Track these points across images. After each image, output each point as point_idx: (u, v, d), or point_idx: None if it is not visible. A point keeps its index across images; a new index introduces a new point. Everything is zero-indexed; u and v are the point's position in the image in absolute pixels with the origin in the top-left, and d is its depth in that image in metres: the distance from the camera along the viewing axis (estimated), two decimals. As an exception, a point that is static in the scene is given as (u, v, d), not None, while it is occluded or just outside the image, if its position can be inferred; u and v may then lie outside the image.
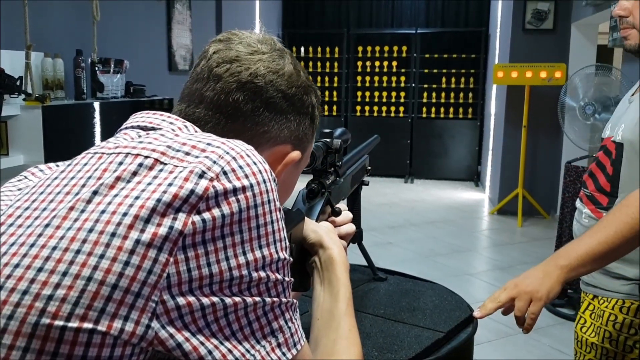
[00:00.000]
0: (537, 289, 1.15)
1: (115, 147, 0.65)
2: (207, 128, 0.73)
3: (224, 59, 0.74)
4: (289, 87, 0.76)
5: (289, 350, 0.62)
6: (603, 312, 1.36)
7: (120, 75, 3.60)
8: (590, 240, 1.17)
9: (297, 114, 0.78)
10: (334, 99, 7.99)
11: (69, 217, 0.58)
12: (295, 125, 0.78)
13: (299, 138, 0.79)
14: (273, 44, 0.78)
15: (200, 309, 0.56)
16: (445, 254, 4.60)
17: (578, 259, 1.16)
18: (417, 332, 1.13)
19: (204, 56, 0.76)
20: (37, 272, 0.54)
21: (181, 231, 0.56)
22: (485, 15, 7.56)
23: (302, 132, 0.80)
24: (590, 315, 1.41)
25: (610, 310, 1.35)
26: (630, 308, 1.32)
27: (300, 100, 0.78)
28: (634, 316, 1.31)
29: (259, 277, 0.60)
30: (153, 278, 0.55)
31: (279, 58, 0.76)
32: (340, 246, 0.83)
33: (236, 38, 0.77)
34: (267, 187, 0.62)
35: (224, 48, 0.75)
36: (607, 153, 1.38)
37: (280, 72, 0.75)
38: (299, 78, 0.78)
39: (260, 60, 0.75)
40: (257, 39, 0.77)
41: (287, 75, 0.76)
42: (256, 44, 0.76)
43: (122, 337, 0.54)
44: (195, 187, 0.58)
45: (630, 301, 1.32)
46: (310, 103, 0.80)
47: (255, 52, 0.75)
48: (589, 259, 1.16)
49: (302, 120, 0.79)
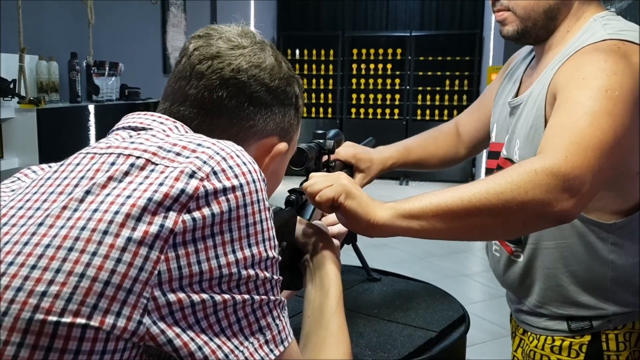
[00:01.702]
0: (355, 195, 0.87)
1: (107, 148, 0.67)
2: (192, 126, 0.74)
3: (205, 55, 0.75)
4: (272, 79, 0.77)
5: (277, 347, 0.63)
6: (534, 354, 1.17)
7: (115, 78, 3.60)
8: (442, 194, 0.87)
9: (281, 105, 0.79)
10: (329, 101, 8.00)
11: (62, 216, 0.59)
12: (281, 117, 0.79)
13: (285, 129, 0.80)
14: (253, 37, 0.78)
15: (190, 305, 0.57)
16: (440, 255, 4.62)
17: (415, 207, 0.86)
18: (410, 331, 1.14)
19: (184, 53, 0.77)
20: (31, 270, 0.55)
21: (172, 229, 0.57)
22: (480, 18, 7.58)
23: (288, 123, 0.80)
24: (522, 354, 1.23)
25: (540, 351, 1.16)
26: (561, 346, 1.13)
27: (283, 92, 0.78)
28: (568, 356, 1.12)
29: (248, 275, 0.61)
30: (144, 275, 0.56)
31: (260, 51, 0.77)
32: (332, 245, 0.84)
33: (215, 33, 0.77)
34: (256, 187, 0.63)
35: (204, 44, 0.76)
36: None
37: (262, 65, 0.76)
38: (281, 70, 0.78)
39: (242, 55, 0.75)
40: (236, 32, 0.77)
41: (269, 68, 0.77)
42: (236, 38, 0.76)
43: (114, 333, 0.55)
44: (185, 186, 0.59)
45: (560, 337, 1.14)
46: (294, 93, 0.81)
47: (236, 47, 0.75)
48: (428, 211, 0.85)
49: (286, 111, 0.80)
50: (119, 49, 3.99)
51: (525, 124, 1.12)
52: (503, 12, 1.12)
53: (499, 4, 1.13)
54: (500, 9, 1.13)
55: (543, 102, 1.06)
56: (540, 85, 1.09)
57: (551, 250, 1.12)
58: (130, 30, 4.26)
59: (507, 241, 1.18)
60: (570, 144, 0.88)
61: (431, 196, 0.87)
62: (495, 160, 1.21)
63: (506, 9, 1.12)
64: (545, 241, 1.12)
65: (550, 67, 1.09)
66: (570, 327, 1.13)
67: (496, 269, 1.25)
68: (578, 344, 1.12)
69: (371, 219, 0.86)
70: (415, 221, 0.86)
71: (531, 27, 1.11)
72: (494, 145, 1.26)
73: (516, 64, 1.32)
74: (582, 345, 1.12)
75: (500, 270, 1.22)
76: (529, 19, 1.10)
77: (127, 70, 3.79)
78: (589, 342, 1.12)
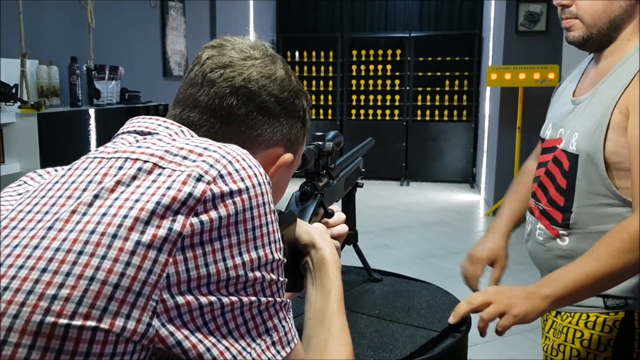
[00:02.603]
0: (515, 305, 1.08)
1: (115, 152, 0.67)
2: (201, 132, 0.75)
3: (218, 64, 0.76)
4: (281, 91, 0.78)
5: (283, 349, 0.64)
6: (567, 329, 1.26)
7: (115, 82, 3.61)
8: (578, 271, 1.09)
9: (289, 117, 0.80)
10: (329, 102, 8.01)
11: (71, 220, 0.59)
12: (288, 128, 0.80)
13: (291, 141, 0.82)
14: (265, 50, 0.80)
15: (198, 307, 0.58)
16: (441, 256, 4.62)
17: (564, 289, 1.09)
18: (412, 331, 1.14)
19: (197, 62, 0.78)
20: (41, 273, 0.56)
21: (180, 233, 0.58)
22: (479, 18, 7.59)
23: (294, 135, 0.82)
24: (553, 334, 1.32)
25: (574, 327, 1.25)
26: (596, 322, 1.22)
27: (292, 104, 0.80)
28: (601, 330, 1.21)
29: (254, 277, 0.62)
30: (153, 278, 0.56)
31: (271, 63, 0.78)
32: (332, 247, 0.84)
33: (229, 44, 0.79)
34: (262, 189, 0.64)
35: (217, 54, 0.77)
36: (557, 163, 1.28)
37: (273, 77, 0.77)
38: (290, 83, 0.80)
39: (253, 66, 0.77)
40: (249, 44, 0.79)
41: (279, 80, 0.78)
42: (248, 49, 0.78)
43: (124, 335, 0.55)
44: (193, 190, 0.60)
45: (595, 314, 1.22)
46: (302, 107, 0.82)
47: (248, 58, 0.77)
48: (575, 290, 1.09)
49: (293, 123, 0.81)
50: (119, 52, 4.00)
51: (587, 120, 1.21)
52: (571, 19, 1.23)
53: (568, 12, 1.24)
54: (568, 16, 1.24)
55: (612, 106, 1.17)
56: (610, 88, 1.19)
57: (597, 234, 1.18)
58: (130, 34, 4.27)
59: (553, 225, 1.28)
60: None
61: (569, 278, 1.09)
62: (550, 154, 1.32)
63: (574, 17, 1.23)
64: (592, 226, 1.22)
65: (616, 71, 1.20)
66: (606, 304, 1.21)
67: (537, 252, 1.33)
68: (612, 320, 1.21)
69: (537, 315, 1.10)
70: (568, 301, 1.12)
71: (596, 34, 1.22)
72: (547, 142, 1.36)
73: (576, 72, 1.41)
74: (616, 322, 1.21)
75: (542, 252, 1.31)
76: (594, 27, 1.21)
77: (127, 74, 3.80)
78: (622, 319, 1.20)
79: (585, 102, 1.25)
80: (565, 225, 1.25)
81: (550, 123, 1.37)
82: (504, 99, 5.72)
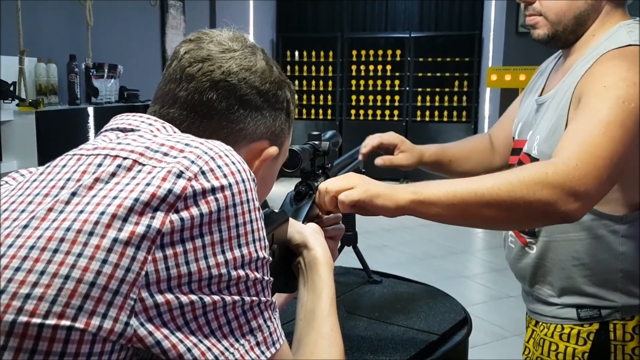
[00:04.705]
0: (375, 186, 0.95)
1: (94, 149, 0.66)
2: (182, 128, 0.74)
3: (196, 58, 0.75)
4: (263, 83, 0.76)
5: (268, 349, 0.62)
6: (543, 342, 1.21)
7: (114, 80, 3.60)
8: (458, 184, 0.95)
9: (272, 109, 0.78)
10: (329, 102, 8.00)
11: (48, 218, 0.58)
12: (271, 120, 0.78)
13: (276, 133, 0.80)
14: (244, 41, 0.78)
15: (179, 307, 0.57)
16: (440, 256, 4.61)
17: (432, 195, 0.94)
18: (412, 334, 1.13)
19: (175, 56, 0.77)
20: (15, 272, 0.55)
21: (159, 230, 0.56)
22: (479, 19, 7.58)
23: (279, 127, 0.80)
24: (533, 345, 1.26)
25: (550, 339, 1.20)
26: (570, 334, 1.17)
27: (274, 95, 0.78)
28: (575, 343, 1.16)
29: (238, 276, 0.60)
30: (131, 276, 0.55)
31: (251, 55, 0.77)
32: (325, 247, 0.83)
33: (207, 37, 0.77)
34: (245, 186, 0.62)
35: (195, 47, 0.76)
36: None
37: (253, 68, 0.76)
38: (272, 74, 0.78)
39: (232, 58, 0.75)
40: (227, 37, 0.77)
41: (260, 71, 0.76)
42: (227, 42, 0.76)
43: (100, 334, 0.54)
44: (173, 186, 0.58)
45: (569, 326, 1.17)
46: (285, 98, 0.80)
47: (227, 50, 0.75)
48: (444, 200, 0.93)
49: (277, 115, 0.79)
50: (118, 51, 3.98)
51: (547, 121, 1.16)
52: (535, 16, 1.18)
53: (531, 9, 1.19)
54: (532, 13, 1.19)
55: (568, 102, 1.11)
56: (567, 86, 1.14)
57: (563, 242, 1.16)
58: (129, 32, 4.26)
59: (521, 233, 1.23)
60: (582, 152, 0.94)
61: (448, 185, 0.95)
62: (517, 157, 1.27)
63: (538, 14, 1.18)
64: (557, 234, 1.16)
65: (576, 67, 1.14)
66: (580, 316, 1.17)
67: (511, 259, 1.29)
68: (586, 332, 1.16)
69: (397, 208, 0.94)
70: (432, 208, 0.95)
71: (561, 31, 1.17)
72: (517, 142, 1.31)
73: (545, 66, 1.39)
74: (590, 334, 1.15)
75: (515, 260, 1.27)
76: (559, 24, 1.16)
77: (126, 73, 3.79)
78: (596, 331, 1.15)
79: (547, 103, 1.20)
80: (532, 234, 1.20)
81: (520, 123, 1.32)
82: (504, 100, 5.71)
